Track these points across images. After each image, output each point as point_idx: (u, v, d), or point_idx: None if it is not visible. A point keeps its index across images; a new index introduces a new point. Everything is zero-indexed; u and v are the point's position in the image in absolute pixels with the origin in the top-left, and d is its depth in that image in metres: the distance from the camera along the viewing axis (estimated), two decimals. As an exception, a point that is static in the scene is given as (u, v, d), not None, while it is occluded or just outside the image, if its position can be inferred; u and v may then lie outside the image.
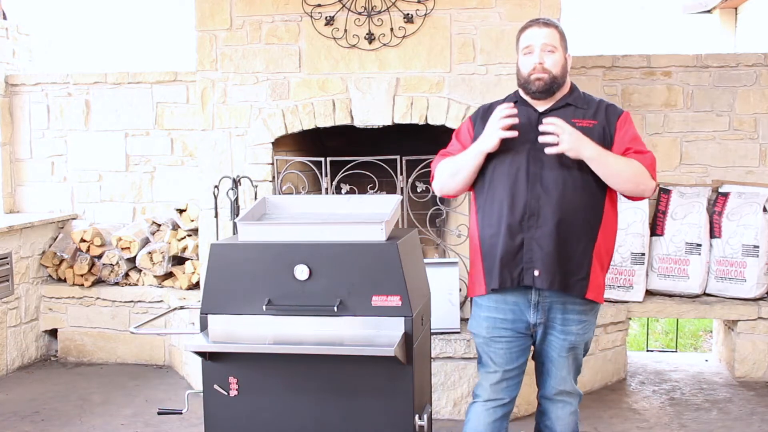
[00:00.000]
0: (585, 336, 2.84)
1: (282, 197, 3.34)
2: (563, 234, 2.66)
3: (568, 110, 2.76)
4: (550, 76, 2.71)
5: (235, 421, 2.86)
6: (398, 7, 4.39)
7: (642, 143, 2.76)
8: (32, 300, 5.32)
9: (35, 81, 5.66)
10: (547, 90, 2.73)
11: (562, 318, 2.78)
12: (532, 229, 2.68)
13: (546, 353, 2.87)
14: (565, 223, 2.66)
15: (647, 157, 2.71)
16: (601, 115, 2.76)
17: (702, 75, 5.09)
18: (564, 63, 2.75)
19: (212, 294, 2.85)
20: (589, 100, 2.81)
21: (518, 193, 2.69)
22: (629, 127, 2.76)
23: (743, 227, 4.76)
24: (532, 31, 2.77)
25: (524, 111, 2.76)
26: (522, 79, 2.77)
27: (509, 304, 2.79)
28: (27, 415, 4.31)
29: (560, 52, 2.74)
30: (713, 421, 4.12)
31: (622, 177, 2.66)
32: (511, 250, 2.70)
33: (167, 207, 5.47)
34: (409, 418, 2.77)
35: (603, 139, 2.71)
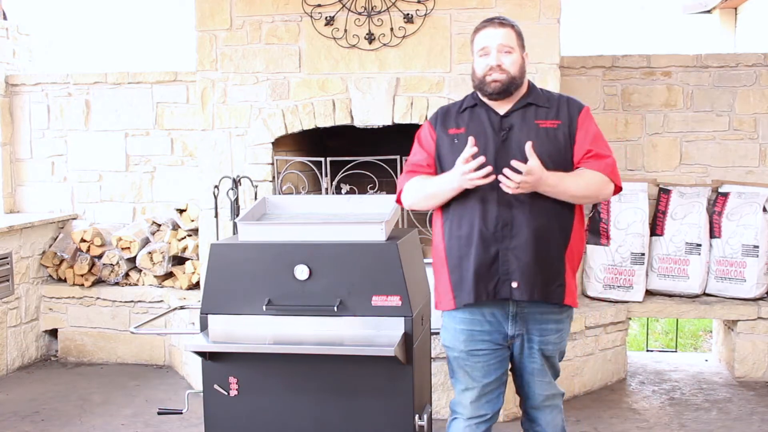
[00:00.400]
0: (561, 345, 2.78)
1: (282, 197, 3.34)
2: (540, 242, 2.58)
3: (530, 111, 2.66)
4: (507, 76, 2.61)
5: (235, 421, 2.86)
6: (398, 7, 4.39)
7: (603, 143, 2.67)
8: (32, 300, 5.33)
9: (35, 81, 5.66)
10: (504, 91, 2.63)
11: (540, 328, 2.69)
12: (506, 240, 2.58)
13: (525, 366, 2.76)
14: (541, 231, 2.58)
15: (607, 163, 2.62)
16: (563, 114, 2.66)
17: (702, 75, 5.09)
18: (521, 63, 2.66)
19: (212, 294, 2.85)
20: (549, 98, 2.72)
21: (489, 203, 2.58)
22: (590, 124, 2.67)
23: (743, 227, 4.76)
24: (488, 32, 2.66)
25: (485, 115, 2.67)
26: (477, 80, 2.67)
27: (486, 315, 2.67)
28: (27, 415, 4.31)
29: (517, 52, 2.65)
30: (713, 421, 4.12)
31: (578, 197, 2.60)
32: (485, 262, 2.59)
33: (167, 207, 5.47)
34: (409, 418, 2.77)
35: (567, 139, 2.63)
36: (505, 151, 2.58)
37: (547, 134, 2.62)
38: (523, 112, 2.66)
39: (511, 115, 2.65)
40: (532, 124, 2.62)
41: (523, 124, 2.63)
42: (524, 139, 2.55)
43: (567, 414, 4.17)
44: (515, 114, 2.65)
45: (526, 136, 2.58)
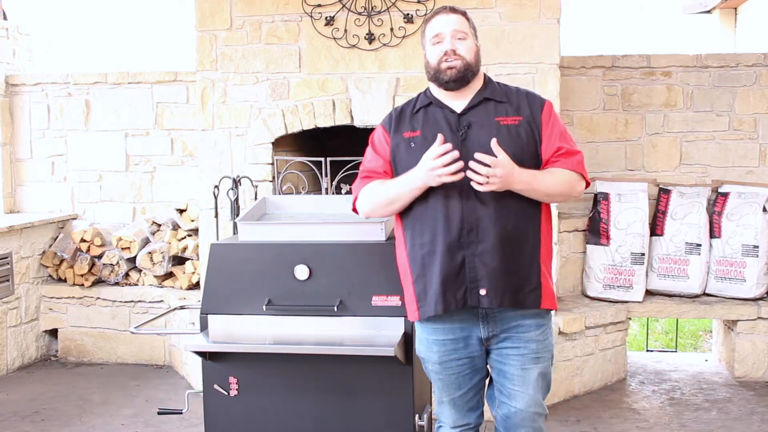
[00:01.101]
0: (546, 342, 2.54)
1: (282, 197, 3.34)
2: (508, 246, 2.42)
3: (488, 106, 2.50)
4: (463, 62, 2.46)
5: (235, 421, 2.86)
6: (398, 7, 4.39)
7: (569, 138, 2.53)
8: (32, 300, 5.33)
9: (35, 81, 5.66)
10: (460, 78, 2.47)
11: (518, 325, 2.49)
12: (472, 245, 2.41)
13: (503, 372, 2.54)
14: (508, 234, 2.42)
15: (578, 160, 2.50)
16: (524, 109, 2.50)
17: (702, 75, 5.09)
18: (476, 50, 2.52)
19: (212, 294, 2.85)
20: (507, 92, 2.55)
21: (453, 208, 2.42)
22: (555, 120, 2.52)
23: (743, 227, 4.76)
24: (440, 19, 2.53)
25: (441, 114, 2.52)
26: (432, 70, 2.53)
27: (456, 322, 2.51)
28: (27, 415, 4.31)
29: (471, 39, 2.52)
30: (713, 421, 4.12)
31: (552, 195, 2.47)
32: (452, 271, 2.43)
33: (167, 207, 5.47)
34: (409, 418, 2.77)
35: (530, 136, 2.47)
36: (465, 151, 2.40)
37: (509, 132, 2.46)
38: (482, 108, 2.50)
39: (469, 112, 2.50)
40: (492, 121, 2.47)
41: (482, 122, 2.47)
42: (485, 138, 2.40)
43: (567, 414, 4.17)
44: (473, 111, 2.50)
45: (486, 135, 2.42)
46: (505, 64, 4.30)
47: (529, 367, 2.50)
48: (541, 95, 2.60)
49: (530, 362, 2.50)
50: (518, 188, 2.39)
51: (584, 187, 2.54)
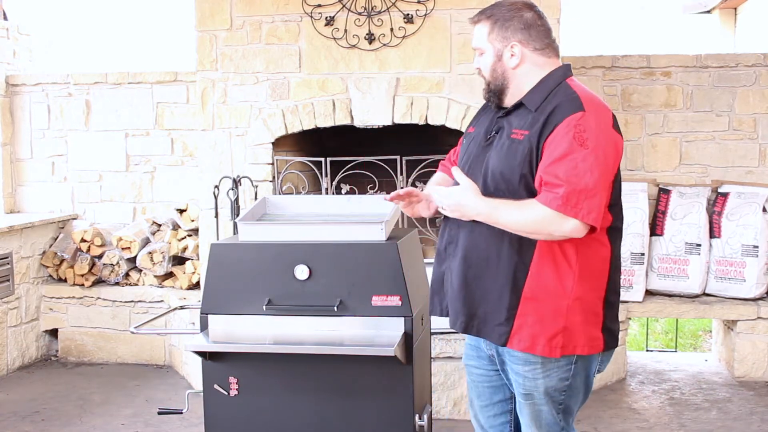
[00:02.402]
0: (538, 382, 2.25)
1: (282, 197, 3.34)
2: (473, 268, 2.24)
3: (518, 113, 2.26)
4: (486, 82, 2.31)
5: (235, 421, 2.86)
6: (398, 7, 4.39)
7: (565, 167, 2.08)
8: (33, 300, 5.33)
9: (36, 81, 5.66)
10: (491, 98, 2.32)
11: (508, 353, 2.30)
12: (450, 258, 2.33)
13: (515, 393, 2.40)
14: (474, 256, 2.24)
15: (555, 194, 2.08)
16: (537, 124, 2.16)
17: (702, 75, 5.09)
18: (494, 63, 2.25)
19: (212, 294, 2.85)
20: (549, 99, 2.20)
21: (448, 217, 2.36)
22: (561, 141, 2.10)
23: (743, 227, 4.76)
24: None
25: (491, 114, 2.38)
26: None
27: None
28: (27, 415, 4.31)
29: (490, 51, 2.26)
30: (713, 421, 4.12)
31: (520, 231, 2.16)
32: (437, 279, 2.40)
33: (167, 207, 5.47)
34: (409, 418, 2.78)
35: (527, 157, 2.16)
36: (481, 159, 2.28)
37: (510, 147, 2.20)
38: (516, 114, 2.26)
39: (507, 116, 2.29)
40: (510, 131, 2.23)
41: (506, 130, 2.26)
42: (498, 148, 2.24)
43: (567, 414, 4.17)
44: (510, 115, 2.29)
45: (499, 145, 2.24)
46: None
47: (521, 400, 2.33)
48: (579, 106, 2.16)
49: (520, 396, 2.33)
50: (479, 219, 2.21)
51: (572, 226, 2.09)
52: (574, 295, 2.19)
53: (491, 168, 2.22)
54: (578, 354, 2.23)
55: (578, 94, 2.19)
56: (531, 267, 2.19)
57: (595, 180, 2.09)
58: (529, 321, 2.19)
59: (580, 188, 2.08)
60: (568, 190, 2.08)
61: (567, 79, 2.25)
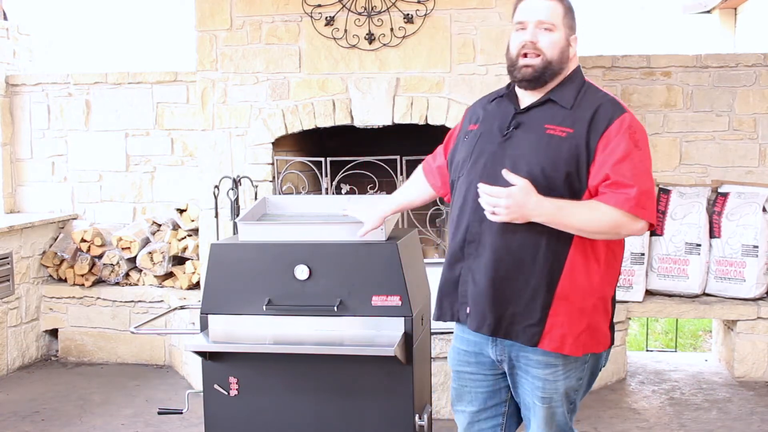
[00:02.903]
0: (557, 384, 2.24)
1: (282, 197, 3.34)
2: (504, 268, 2.17)
3: (549, 109, 2.19)
4: (542, 61, 2.15)
5: (235, 421, 2.86)
6: (398, 7, 4.39)
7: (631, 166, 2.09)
8: (33, 300, 5.33)
9: (36, 81, 5.66)
10: (536, 79, 2.18)
11: (526, 356, 2.25)
12: (470, 258, 2.22)
13: (520, 398, 2.35)
14: (506, 255, 2.16)
15: (627, 195, 2.07)
16: (581, 122, 2.13)
17: (702, 75, 5.09)
18: (563, 46, 2.17)
19: (212, 294, 2.85)
20: (584, 96, 2.19)
21: (464, 213, 2.24)
22: (620, 142, 2.10)
23: (743, 227, 4.76)
24: (530, 3, 2.19)
25: (504, 109, 2.28)
26: (509, 62, 2.23)
27: (467, 333, 2.36)
28: (27, 415, 4.31)
29: (561, 31, 2.17)
30: (713, 421, 4.12)
31: (588, 232, 2.12)
32: (450, 280, 2.30)
33: (167, 207, 5.47)
34: (409, 418, 2.78)
35: (575, 155, 2.12)
36: (500, 154, 2.19)
37: (550, 143, 2.14)
38: (542, 110, 2.20)
39: (529, 111, 2.22)
40: (540, 127, 2.17)
41: (531, 125, 2.19)
42: (526, 144, 2.17)
43: (567, 414, 4.17)
44: (533, 111, 2.21)
45: (529, 141, 2.17)
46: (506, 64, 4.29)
47: (536, 403, 2.28)
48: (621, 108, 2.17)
49: (537, 399, 2.28)
50: (539, 221, 2.11)
51: (641, 227, 2.12)
52: (599, 293, 2.21)
53: (528, 164, 2.13)
54: (594, 352, 2.25)
55: (610, 95, 2.22)
56: (565, 265, 2.16)
57: (651, 180, 2.15)
58: (559, 321, 2.18)
59: (645, 189, 2.09)
60: (639, 191, 2.07)
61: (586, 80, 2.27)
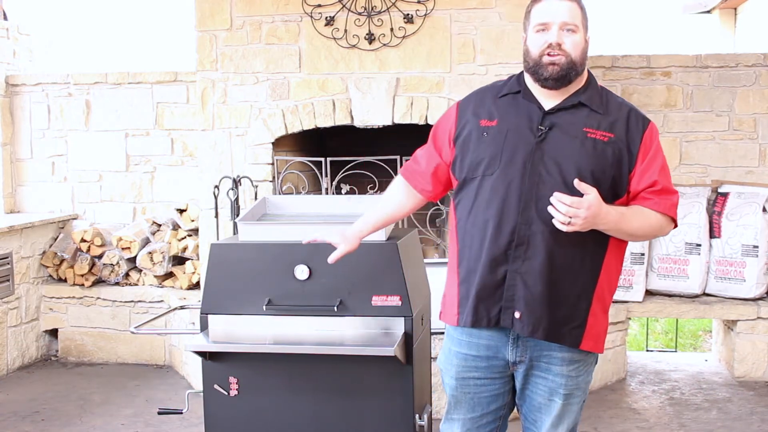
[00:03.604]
0: (578, 379, 2.30)
1: (282, 197, 3.34)
2: (558, 271, 2.17)
3: (581, 112, 2.21)
4: (567, 60, 2.17)
5: (235, 421, 2.86)
6: (398, 8, 4.39)
7: (668, 173, 2.24)
8: (33, 300, 5.33)
9: (36, 81, 5.66)
10: (562, 78, 2.18)
11: (549, 355, 2.27)
12: (518, 261, 2.17)
13: (529, 399, 2.35)
14: (560, 258, 2.16)
15: (672, 202, 2.21)
16: (620, 127, 2.20)
17: (702, 75, 5.09)
18: (585, 46, 2.21)
19: (212, 294, 2.85)
20: (608, 102, 2.25)
21: (507, 215, 2.17)
22: (657, 149, 2.22)
23: (743, 227, 4.76)
24: (551, 4, 2.19)
25: (525, 107, 2.24)
26: (532, 62, 2.20)
27: (484, 338, 2.30)
28: (27, 415, 4.31)
29: (581, 33, 2.21)
30: (713, 421, 4.12)
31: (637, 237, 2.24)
32: (490, 284, 2.21)
33: (167, 207, 5.47)
34: (409, 418, 2.78)
35: (619, 160, 2.18)
36: (539, 154, 2.16)
37: (595, 147, 2.16)
38: (573, 112, 2.21)
39: (558, 113, 2.21)
40: (579, 130, 2.18)
41: (567, 127, 2.19)
42: (566, 145, 2.17)
43: (567, 414, 4.17)
44: (562, 113, 2.21)
45: (568, 142, 2.17)
46: (506, 64, 4.30)
47: (555, 399, 2.30)
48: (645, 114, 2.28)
49: (557, 396, 2.30)
50: (602, 228, 2.13)
51: (672, 229, 2.29)
52: (615, 290, 2.33)
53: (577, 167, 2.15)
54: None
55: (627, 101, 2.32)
56: (603, 267, 2.23)
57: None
58: (594, 321, 2.25)
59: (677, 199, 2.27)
60: (677, 199, 2.25)
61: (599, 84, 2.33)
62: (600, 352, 2.31)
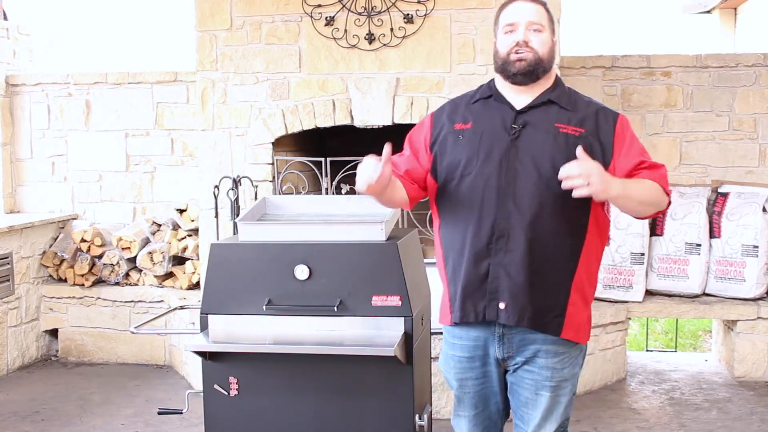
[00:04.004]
0: (564, 372, 2.36)
1: (282, 197, 3.34)
2: (537, 260, 2.25)
3: (551, 109, 2.32)
4: (534, 56, 2.28)
5: (235, 421, 2.86)
6: (398, 7, 4.39)
7: (649, 156, 2.33)
8: (33, 300, 5.33)
9: (36, 81, 5.66)
10: (530, 73, 2.28)
11: (535, 349, 2.34)
12: (500, 254, 2.25)
13: (517, 395, 2.42)
14: (539, 248, 2.24)
15: (662, 173, 2.29)
16: (590, 123, 2.30)
17: (702, 75, 5.10)
18: (551, 46, 2.33)
19: (212, 294, 2.85)
20: (576, 100, 2.36)
21: (486, 210, 2.26)
22: (632, 137, 2.32)
23: (743, 227, 4.76)
24: (517, 6, 2.34)
25: (497, 108, 2.35)
26: (501, 60, 2.33)
27: (471, 339, 2.40)
28: (27, 415, 4.31)
29: (548, 32, 2.33)
30: (713, 421, 4.12)
31: (644, 206, 2.26)
32: (475, 279, 2.29)
33: (167, 207, 5.48)
34: (409, 418, 2.78)
35: (592, 152, 2.24)
36: (514, 151, 2.27)
37: (567, 141, 2.25)
38: (544, 110, 2.32)
39: (529, 111, 2.32)
40: (551, 126, 2.28)
41: (540, 124, 2.29)
42: (539, 141, 2.26)
43: (567, 414, 4.17)
44: (533, 111, 2.32)
45: (541, 138, 2.27)
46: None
47: (542, 393, 2.37)
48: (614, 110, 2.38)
49: (544, 389, 2.37)
50: (615, 194, 2.15)
51: (668, 204, 2.33)
52: (594, 287, 2.40)
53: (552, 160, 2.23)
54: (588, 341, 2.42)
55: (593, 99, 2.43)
56: (581, 258, 2.30)
57: None
58: (574, 310, 2.32)
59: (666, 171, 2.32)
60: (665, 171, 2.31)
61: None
62: (583, 342, 2.38)
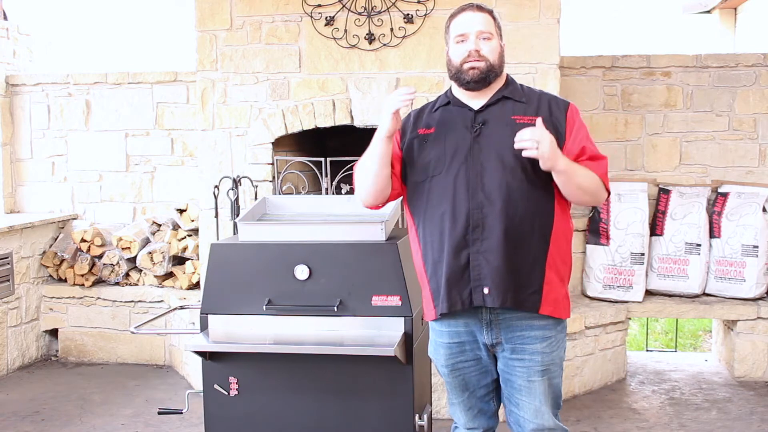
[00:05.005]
0: (553, 354, 2.50)
1: (282, 197, 3.35)
2: (511, 244, 2.39)
3: (507, 105, 2.49)
4: (486, 64, 2.45)
5: (235, 421, 2.86)
6: (398, 7, 4.39)
7: (594, 144, 2.49)
8: (33, 300, 5.33)
9: (36, 81, 5.66)
10: (482, 79, 2.46)
11: (522, 335, 2.47)
12: (477, 243, 2.40)
13: (510, 383, 2.53)
14: (513, 232, 2.39)
15: (602, 165, 2.46)
16: (543, 110, 2.48)
17: (702, 75, 5.09)
18: (500, 51, 2.50)
19: (212, 294, 2.86)
20: (528, 93, 2.54)
21: (459, 204, 2.41)
22: (581, 124, 2.49)
23: (743, 227, 4.76)
24: (466, 17, 2.48)
25: (457, 112, 2.51)
26: (454, 69, 2.48)
27: (460, 326, 2.50)
28: (27, 415, 4.31)
29: (496, 39, 2.49)
30: (713, 421, 4.12)
31: (583, 190, 2.42)
32: (456, 269, 2.42)
33: (167, 207, 5.48)
34: (409, 418, 2.78)
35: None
36: (478, 147, 2.43)
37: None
38: (500, 106, 2.49)
39: (486, 110, 2.49)
40: (508, 119, 2.46)
41: (498, 119, 2.47)
42: (499, 134, 2.43)
43: (567, 414, 4.17)
44: (490, 109, 2.49)
45: (501, 132, 2.43)
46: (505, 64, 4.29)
47: (535, 379, 2.48)
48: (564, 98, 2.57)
49: (536, 374, 2.48)
50: (562, 167, 2.35)
51: (605, 198, 2.50)
52: (569, 266, 2.55)
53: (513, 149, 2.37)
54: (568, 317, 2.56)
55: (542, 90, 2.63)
56: (551, 237, 2.45)
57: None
58: (550, 288, 2.45)
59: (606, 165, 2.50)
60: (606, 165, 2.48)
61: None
62: (563, 317, 2.51)
